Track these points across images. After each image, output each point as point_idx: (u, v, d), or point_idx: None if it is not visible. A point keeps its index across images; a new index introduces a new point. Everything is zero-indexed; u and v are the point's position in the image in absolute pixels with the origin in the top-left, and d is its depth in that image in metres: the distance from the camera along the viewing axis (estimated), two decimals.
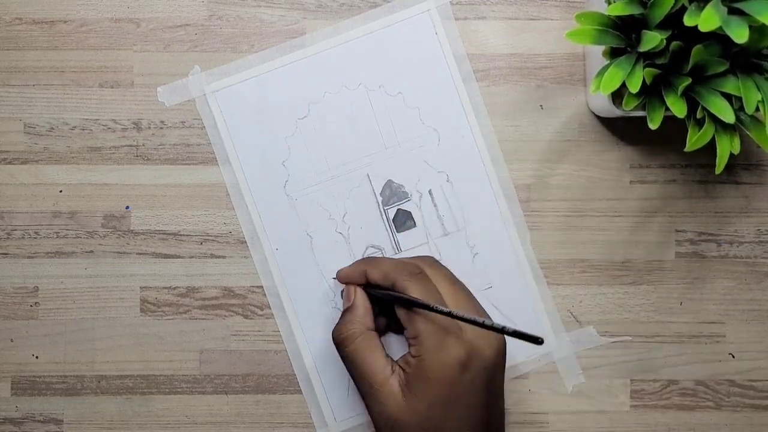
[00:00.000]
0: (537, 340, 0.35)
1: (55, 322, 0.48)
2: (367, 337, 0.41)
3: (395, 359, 0.41)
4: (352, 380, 0.43)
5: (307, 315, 0.47)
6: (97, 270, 0.48)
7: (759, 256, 0.48)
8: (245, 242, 0.48)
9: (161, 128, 0.48)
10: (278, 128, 0.48)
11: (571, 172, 0.48)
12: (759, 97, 0.38)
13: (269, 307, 0.48)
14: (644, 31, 0.39)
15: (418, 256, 0.45)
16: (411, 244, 0.48)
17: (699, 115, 0.40)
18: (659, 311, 0.48)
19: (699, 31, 0.35)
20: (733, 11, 0.36)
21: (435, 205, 0.48)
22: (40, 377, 0.48)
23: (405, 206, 0.48)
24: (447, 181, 0.48)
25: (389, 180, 0.48)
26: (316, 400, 0.47)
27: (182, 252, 0.48)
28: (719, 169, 0.40)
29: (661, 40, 0.38)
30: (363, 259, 0.46)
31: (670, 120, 0.41)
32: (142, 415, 0.48)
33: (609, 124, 0.48)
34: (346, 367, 0.42)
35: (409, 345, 0.41)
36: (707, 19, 0.34)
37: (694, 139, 0.39)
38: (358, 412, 0.47)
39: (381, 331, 0.45)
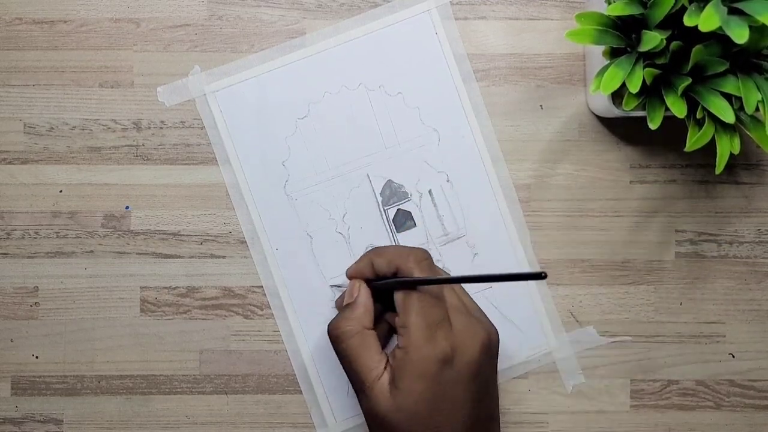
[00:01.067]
0: (540, 276, 0.34)
1: (55, 322, 0.48)
2: (363, 335, 0.41)
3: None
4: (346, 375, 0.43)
5: (307, 315, 0.47)
6: (97, 270, 0.48)
7: (759, 256, 0.48)
8: (245, 242, 0.48)
9: (161, 128, 0.48)
10: (278, 128, 0.48)
11: (571, 172, 0.48)
12: (759, 97, 0.38)
13: (269, 307, 0.48)
14: (644, 31, 0.39)
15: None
16: (411, 244, 0.48)
17: (699, 115, 0.40)
18: (659, 311, 0.48)
19: (699, 31, 0.35)
20: (733, 11, 0.36)
21: (435, 205, 0.48)
22: (40, 377, 0.48)
23: (405, 206, 0.48)
24: (447, 181, 0.48)
25: (389, 180, 0.48)
26: (316, 400, 0.47)
27: (182, 252, 0.48)
28: (719, 169, 0.40)
29: (661, 40, 0.38)
30: (370, 250, 0.45)
31: (670, 120, 0.41)
32: (142, 415, 0.48)
33: (609, 124, 0.48)
34: (340, 362, 0.42)
35: (398, 336, 0.40)
36: (707, 19, 0.34)
37: (694, 139, 0.39)
38: (358, 412, 0.47)
39: (384, 335, 0.45)
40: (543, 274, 0.34)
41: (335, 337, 0.42)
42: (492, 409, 0.42)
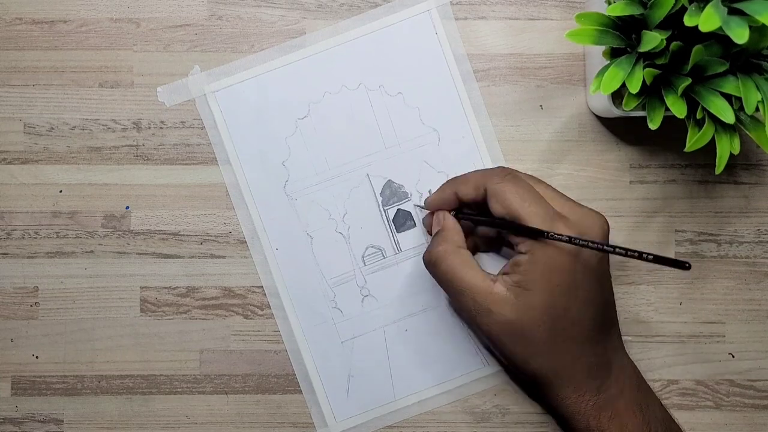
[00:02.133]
0: (684, 265, 0.34)
1: (55, 322, 0.48)
2: (461, 253, 0.41)
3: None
4: (452, 303, 0.43)
5: (307, 315, 0.47)
6: (97, 270, 0.48)
7: (759, 256, 0.48)
8: (245, 242, 0.48)
9: (161, 128, 0.48)
10: (278, 128, 0.48)
11: (571, 172, 0.48)
12: (759, 97, 0.38)
13: (269, 307, 0.48)
14: (644, 31, 0.39)
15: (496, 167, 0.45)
16: (411, 244, 0.48)
17: (699, 115, 0.40)
18: (659, 311, 0.48)
19: (699, 31, 0.35)
20: (733, 11, 0.36)
21: None
22: (40, 377, 0.48)
23: (405, 206, 0.48)
24: None
25: (389, 180, 0.48)
26: (316, 400, 0.47)
27: (182, 252, 0.48)
28: (719, 169, 0.40)
29: (661, 40, 0.38)
30: (447, 181, 0.45)
31: (670, 120, 0.41)
32: (142, 415, 0.48)
33: (609, 124, 0.48)
34: (443, 288, 0.42)
35: (514, 245, 0.41)
36: (707, 20, 0.34)
37: (694, 140, 0.39)
38: (358, 412, 0.47)
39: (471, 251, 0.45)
40: (687, 264, 0.34)
41: (433, 261, 0.42)
42: (612, 296, 0.43)
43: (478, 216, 0.44)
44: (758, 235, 0.48)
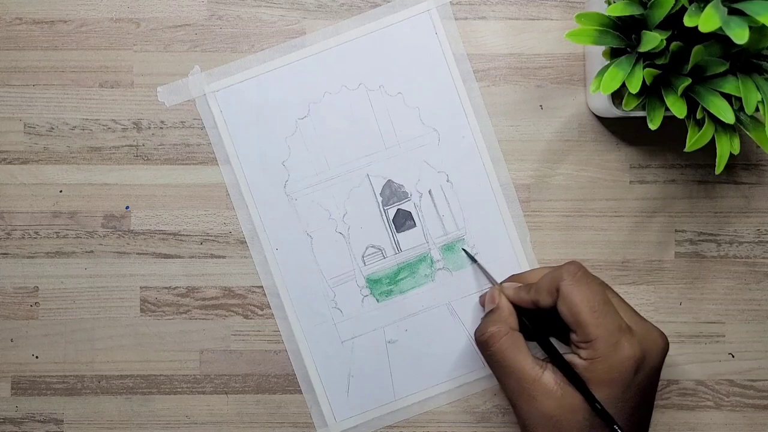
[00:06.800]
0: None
1: (55, 322, 0.48)
2: (513, 336, 0.41)
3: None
4: (498, 382, 0.41)
5: (307, 315, 0.47)
6: (97, 270, 0.48)
7: (759, 256, 0.48)
8: (245, 242, 0.48)
9: (161, 128, 0.48)
10: (278, 128, 0.48)
11: (571, 172, 0.48)
12: (759, 97, 0.38)
13: (269, 307, 0.48)
14: (644, 31, 0.39)
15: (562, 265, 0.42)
16: (411, 244, 0.48)
17: (699, 115, 0.40)
18: (659, 311, 0.48)
19: (699, 31, 0.35)
20: (733, 11, 0.36)
21: (435, 205, 0.48)
22: (40, 377, 0.48)
23: (405, 206, 0.48)
24: (447, 181, 0.48)
25: (389, 180, 0.48)
26: (316, 400, 0.47)
27: (182, 252, 0.48)
28: (719, 169, 0.40)
29: (661, 40, 0.38)
30: (524, 287, 0.42)
31: (670, 120, 0.41)
32: (142, 415, 0.48)
33: (609, 124, 0.48)
34: (491, 368, 0.41)
35: (577, 347, 0.39)
36: (707, 20, 0.34)
37: (694, 140, 0.39)
38: (358, 412, 0.47)
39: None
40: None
41: (484, 341, 0.41)
42: (650, 414, 0.41)
43: (542, 342, 0.42)
44: (758, 235, 0.48)
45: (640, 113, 0.43)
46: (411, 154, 0.48)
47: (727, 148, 0.40)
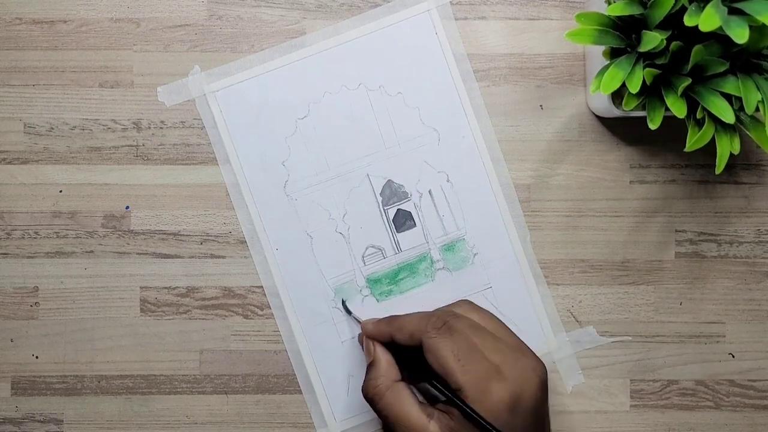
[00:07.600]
0: None
1: (55, 322, 0.48)
2: (395, 389, 0.41)
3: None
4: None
5: (307, 315, 0.47)
6: (97, 270, 0.48)
7: (759, 256, 0.48)
8: (245, 242, 0.48)
9: (161, 128, 0.48)
10: (278, 128, 0.48)
11: (571, 172, 0.48)
12: (759, 97, 0.38)
13: (269, 307, 0.48)
14: (644, 31, 0.39)
15: (452, 304, 0.45)
16: (411, 244, 0.48)
17: (699, 115, 0.40)
18: (659, 311, 0.48)
19: (699, 31, 0.35)
20: (733, 11, 0.36)
21: (435, 205, 0.48)
22: (40, 377, 0.48)
23: (405, 206, 0.48)
24: (447, 181, 0.48)
25: (389, 180, 0.48)
26: (316, 400, 0.47)
27: (182, 252, 0.48)
28: (719, 169, 0.40)
29: (661, 40, 0.38)
30: (385, 320, 0.44)
31: (670, 120, 0.41)
32: (142, 415, 0.48)
33: (609, 124, 0.48)
34: (381, 420, 0.42)
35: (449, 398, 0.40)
36: (707, 20, 0.34)
37: (694, 140, 0.39)
38: (357, 412, 0.47)
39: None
40: None
41: (370, 398, 0.42)
42: None
43: (413, 375, 0.43)
44: (758, 235, 0.48)
45: (640, 113, 0.43)
46: (411, 154, 0.48)
47: (727, 148, 0.40)
